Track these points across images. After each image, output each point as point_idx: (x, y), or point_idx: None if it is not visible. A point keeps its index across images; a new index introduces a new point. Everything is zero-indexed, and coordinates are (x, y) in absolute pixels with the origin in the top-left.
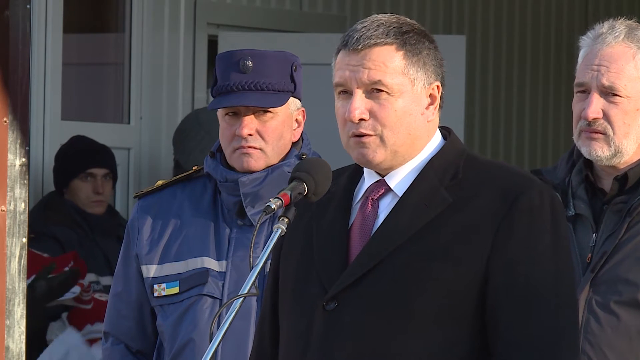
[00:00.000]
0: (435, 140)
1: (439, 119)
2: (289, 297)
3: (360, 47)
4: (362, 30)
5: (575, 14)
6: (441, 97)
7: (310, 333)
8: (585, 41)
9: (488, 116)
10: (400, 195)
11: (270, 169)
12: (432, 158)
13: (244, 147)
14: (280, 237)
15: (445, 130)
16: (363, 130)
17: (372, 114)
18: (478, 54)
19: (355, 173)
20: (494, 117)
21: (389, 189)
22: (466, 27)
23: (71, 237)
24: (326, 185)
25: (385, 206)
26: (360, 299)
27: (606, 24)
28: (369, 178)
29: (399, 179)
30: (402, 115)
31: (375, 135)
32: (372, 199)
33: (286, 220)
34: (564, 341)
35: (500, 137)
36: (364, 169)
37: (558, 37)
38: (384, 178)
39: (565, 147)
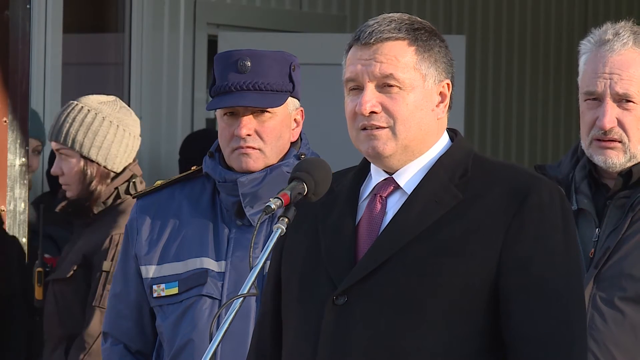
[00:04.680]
0: (443, 140)
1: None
2: (296, 295)
3: (372, 41)
4: (374, 25)
5: (574, 14)
6: (451, 97)
7: (320, 328)
8: (586, 46)
9: (488, 116)
10: (409, 193)
11: (269, 169)
12: (440, 157)
13: (242, 147)
14: (281, 239)
15: (451, 131)
16: (375, 123)
17: (383, 107)
18: (478, 54)
19: (360, 172)
20: (494, 117)
21: (397, 187)
22: (466, 27)
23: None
24: (326, 185)
25: (394, 203)
26: (370, 294)
27: (609, 30)
28: (376, 176)
29: (408, 177)
30: (414, 109)
31: (387, 127)
32: (380, 196)
33: (286, 220)
34: (576, 336)
35: (500, 137)
36: (371, 167)
37: (558, 37)
38: (392, 176)
39: (564, 147)
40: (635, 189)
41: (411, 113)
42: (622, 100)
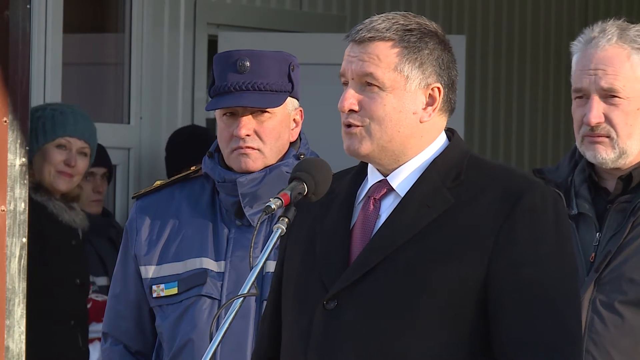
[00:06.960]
0: (439, 142)
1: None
2: (291, 297)
3: (358, 39)
4: (367, 23)
5: (575, 14)
6: (448, 100)
7: (310, 332)
8: (577, 46)
9: (488, 116)
10: (402, 196)
11: (269, 169)
12: (435, 159)
13: (242, 148)
14: (284, 239)
15: (449, 132)
16: (352, 121)
17: (362, 106)
18: (478, 54)
19: (359, 173)
20: (494, 117)
21: (391, 189)
22: (466, 27)
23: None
24: (326, 185)
25: (387, 206)
26: (360, 298)
27: (597, 28)
28: (372, 178)
29: (401, 179)
30: (391, 111)
31: (362, 126)
32: (374, 198)
33: (286, 220)
34: (569, 341)
35: (500, 137)
36: (369, 169)
37: (558, 37)
38: (386, 178)
39: (565, 147)
40: (636, 194)
41: (387, 114)
42: (609, 95)
